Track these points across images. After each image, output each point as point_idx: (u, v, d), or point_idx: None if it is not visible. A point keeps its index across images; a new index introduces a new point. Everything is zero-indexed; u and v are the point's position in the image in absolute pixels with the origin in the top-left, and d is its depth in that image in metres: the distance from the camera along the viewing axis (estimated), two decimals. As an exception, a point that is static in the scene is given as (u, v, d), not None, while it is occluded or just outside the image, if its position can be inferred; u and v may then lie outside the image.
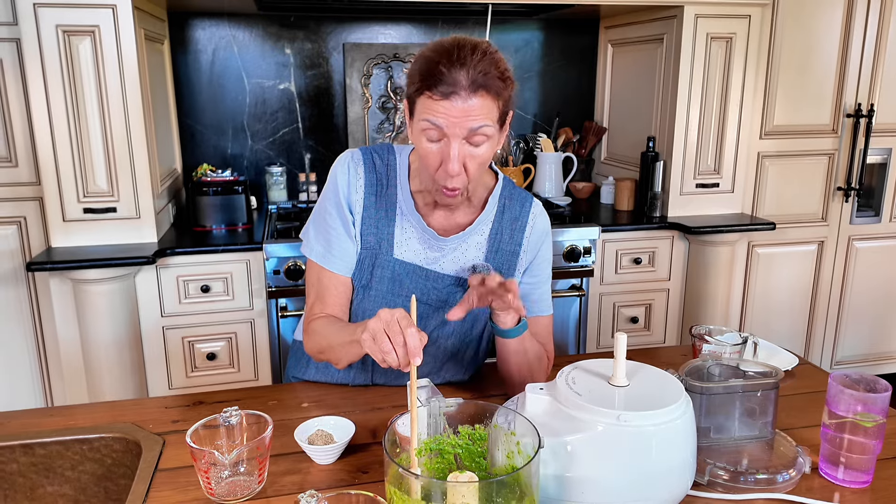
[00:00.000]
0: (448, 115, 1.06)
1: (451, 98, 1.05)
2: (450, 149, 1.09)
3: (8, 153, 2.17)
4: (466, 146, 1.10)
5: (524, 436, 0.85)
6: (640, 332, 2.62)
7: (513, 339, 1.20)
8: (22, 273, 2.25)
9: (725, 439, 1.02)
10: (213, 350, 2.26)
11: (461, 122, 1.06)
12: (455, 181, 1.12)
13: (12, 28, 2.06)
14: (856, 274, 2.88)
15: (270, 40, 2.74)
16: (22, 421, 1.15)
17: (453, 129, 1.07)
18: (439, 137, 1.09)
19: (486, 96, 1.06)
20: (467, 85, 1.05)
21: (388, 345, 0.95)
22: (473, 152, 1.11)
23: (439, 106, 1.06)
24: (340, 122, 2.86)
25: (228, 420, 0.99)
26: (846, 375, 0.97)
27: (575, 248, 2.38)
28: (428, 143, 1.11)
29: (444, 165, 1.10)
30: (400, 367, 0.96)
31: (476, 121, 1.07)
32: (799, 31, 2.57)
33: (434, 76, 1.05)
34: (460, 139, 1.08)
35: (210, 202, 2.37)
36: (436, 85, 1.05)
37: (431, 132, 1.09)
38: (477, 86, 1.05)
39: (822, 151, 2.72)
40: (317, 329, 1.24)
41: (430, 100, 1.07)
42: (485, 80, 1.06)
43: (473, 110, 1.06)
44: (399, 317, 0.96)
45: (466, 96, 1.05)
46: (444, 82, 1.05)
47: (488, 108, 1.08)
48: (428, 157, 1.12)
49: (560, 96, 3.06)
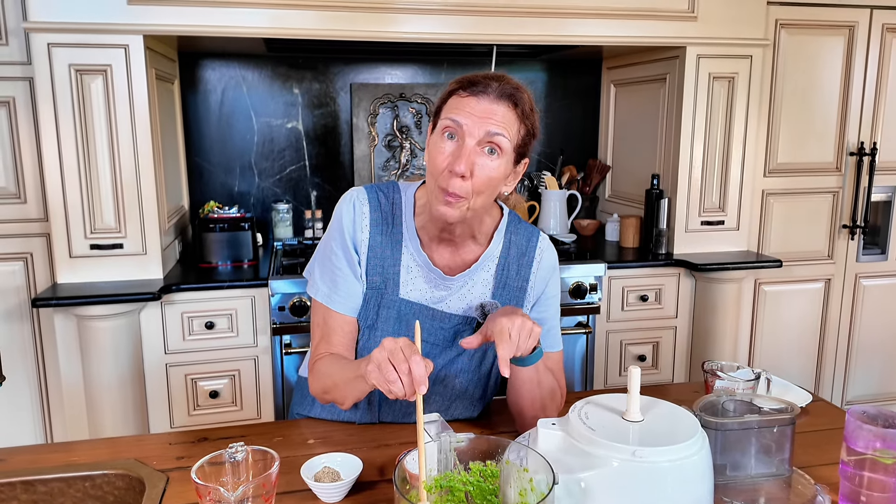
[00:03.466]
0: (471, 112, 1.09)
1: (479, 96, 1.10)
2: (462, 145, 1.09)
3: (17, 189, 2.19)
4: (479, 153, 1.10)
5: (537, 472, 0.83)
6: (649, 370, 2.59)
7: (527, 369, 1.17)
8: (27, 309, 2.24)
9: (742, 477, 0.99)
10: (216, 388, 2.24)
11: (481, 121, 1.09)
12: (458, 185, 1.10)
13: (26, 67, 2.10)
14: (864, 312, 2.86)
15: (279, 80, 2.78)
16: (23, 457, 1.13)
17: (471, 127, 1.09)
18: (456, 134, 1.11)
19: (510, 108, 1.11)
20: (497, 89, 1.11)
21: (394, 374, 0.95)
22: (484, 162, 1.10)
23: (465, 102, 1.10)
24: (347, 160, 2.89)
25: (234, 456, 0.97)
26: (864, 411, 0.96)
27: (581, 285, 2.37)
28: (442, 143, 1.11)
29: (452, 164, 1.09)
30: (406, 396, 0.95)
31: (495, 125, 1.10)
32: (800, 71, 2.61)
33: (469, 80, 1.12)
34: (475, 140, 1.10)
35: (216, 239, 2.37)
36: (468, 86, 1.11)
37: (450, 128, 1.11)
38: (505, 94, 1.11)
39: (827, 189, 2.73)
40: (321, 368, 1.23)
41: (458, 98, 1.12)
42: (514, 92, 1.12)
43: (496, 114, 1.10)
44: (403, 345, 0.97)
45: (494, 98, 1.10)
46: (477, 84, 1.11)
47: (510, 120, 1.11)
48: (438, 158, 1.12)
49: (564, 135, 3.09)
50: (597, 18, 2.35)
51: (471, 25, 2.27)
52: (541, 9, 2.29)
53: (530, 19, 2.30)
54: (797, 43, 2.58)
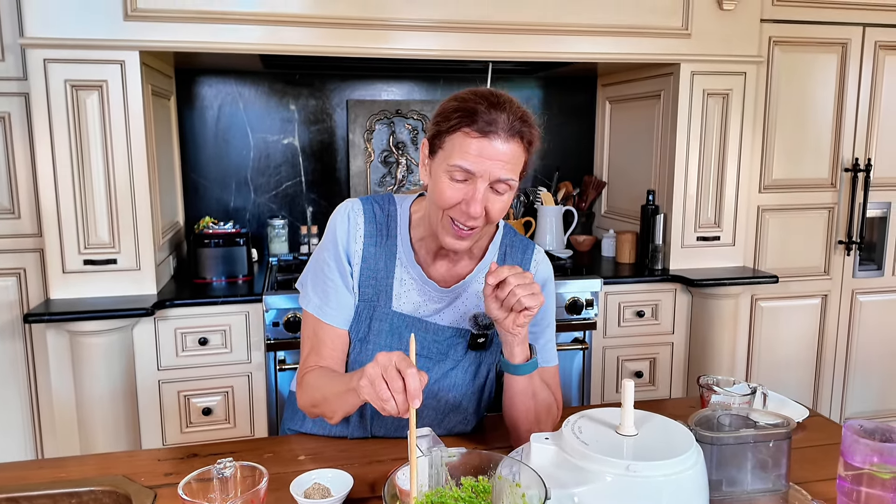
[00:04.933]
0: (482, 156, 1.06)
1: (490, 137, 1.06)
2: (475, 190, 1.08)
3: (11, 205, 2.18)
4: (490, 191, 1.10)
5: (529, 487, 0.82)
6: (646, 386, 2.57)
7: (521, 378, 1.16)
8: (19, 325, 2.22)
9: (738, 492, 0.98)
10: (209, 405, 2.22)
11: (493, 165, 1.07)
12: (473, 223, 1.11)
13: (22, 83, 2.10)
14: (861, 328, 2.85)
15: (275, 97, 2.79)
16: (10, 473, 1.11)
17: (483, 173, 1.07)
18: (465, 179, 1.09)
19: (520, 144, 1.09)
20: (506, 127, 1.06)
21: (387, 392, 0.93)
22: (495, 198, 1.10)
23: (474, 145, 1.06)
24: (343, 176, 2.89)
25: (222, 472, 0.95)
26: (860, 425, 0.94)
27: (577, 301, 2.36)
28: (451, 182, 1.09)
29: (467, 206, 1.09)
30: (399, 413, 0.93)
31: (505, 171, 1.08)
32: (794, 88, 2.62)
33: (475, 113, 1.06)
34: (487, 183, 1.08)
35: (211, 254, 2.36)
36: (475, 122, 1.06)
37: (458, 173, 1.08)
38: (514, 131, 1.07)
39: (822, 205, 2.74)
40: (310, 381, 1.21)
41: (467, 137, 1.07)
42: (521, 127, 1.08)
43: (506, 156, 1.07)
44: (397, 360, 0.94)
45: (505, 139, 1.06)
46: (485, 120, 1.06)
47: (518, 158, 1.09)
48: (446, 193, 1.09)
49: (560, 151, 3.10)
50: (592, 35, 2.36)
51: (467, 42, 2.28)
52: (536, 26, 2.31)
53: (526, 36, 2.31)
54: (791, 60, 2.59)
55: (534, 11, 2.30)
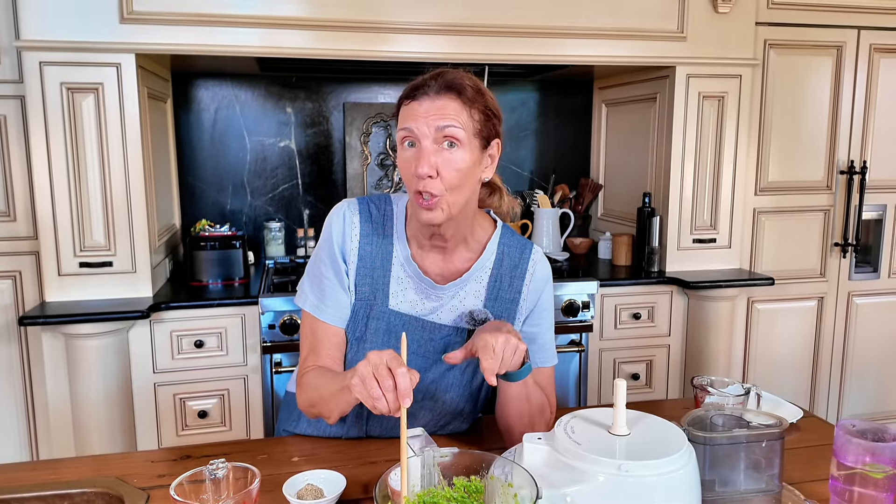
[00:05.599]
0: (418, 115, 1.11)
1: (421, 99, 1.12)
2: (420, 150, 1.12)
3: (7, 207, 2.18)
4: (440, 151, 1.11)
5: (522, 487, 0.82)
6: (642, 388, 2.57)
7: (515, 384, 1.16)
8: (14, 328, 2.22)
9: (731, 492, 0.98)
10: (205, 407, 2.21)
11: (428, 119, 1.11)
12: (429, 184, 1.11)
13: (17, 86, 2.10)
14: (857, 330, 2.85)
15: (272, 100, 2.79)
16: (2, 475, 1.11)
17: (422, 128, 1.11)
18: (412, 143, 1.13)
19: (454, 98, 1.12)
20: (436, 87, 1.13)
21: (378, 390, 0.94)
22: (447, 157, 1.12)
23: (411, 108, 1.13)
24: (339, 179, 2.89)
25: (215, 473, 0.95)
26: (853, 424, 0.95)
27: (573, 303, 2.36)
28: (405, 153, 1.14)
29: (416, 168, 1.11)
30: (391, 412, 0.94)
31: (442, 119, 1.11)
32: (789, 91, 2.63)
33: (411, 87, 1.15)
34: (430, 139, 1.11)
35: (207, 257, 2.36)
36: (410, 92, 1.14)
37: (406, 139, 1.14)
38: (444, 87, 1.13)
39: (818, 207, 2.74)
40: (308, 381, 1.22)
41: (405, 107, 1.14)
42: (453, 82, 1.13)
43: (440, 109, 1.11)
44: (388, 358, 0.96)
45: (434, 96, 1.12)
46: (417, 88, 1.13)
47: (456, 110, 1.12)
48: (404, 167, 1.15)
49: (556, 154, 3.10)
50: (588, 38, 2.37)
51: (463, 45, 2.28)
52: (532, 29, 2.31)
53: (522, 39, 2.32)
54: (786, 63, 2.60)
55: (530, 14, 2.30)
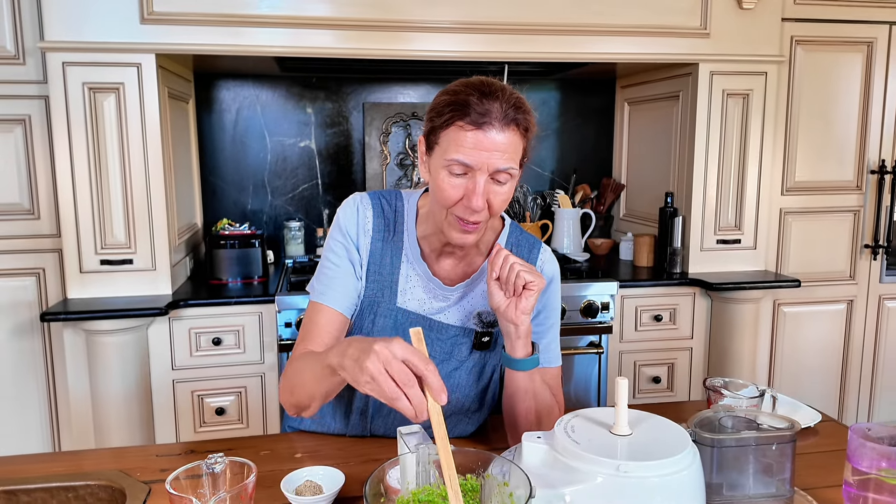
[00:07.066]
0: (478, 148, 1.04)
1: (484, 128, 1.04)
2: (475, 184, 1.06)
3: (31, 206, 2.22)
4: (490, 183, 1.08)
5: (518, 487, 0.80)
6: (663, 392, 2.52)
7: (522, 375, 1.14)
8: (37, 324, 2.26)
9: (740, 497, 0.94)
10: (223, 405, 2.23)
11: (490, 157, 1.04)
12: (477, 216, 1.09)
13: (41, 86, 2.14)
14: (889, 335, 2.76)
15: (292, 100, 2.81)
16: (8, 467, 1.12)
17: (481, 165, 1.05)
18: (464, 172, 1.07)
19: (516, 132, 1.06)
20: (501, 117, 1.04)
21: (395, 389, 0.81)
22: (497, 189, 1.08)
23: (469, 138, 1.04)
24: (359, 178, 2.90)
25: (212, 467, 0.95)
26: (868, 428, 0.91)
27: (592, 304, 2.32)
28: (449, 177, 1.08)
29: (468, 200, 1.07)
30: (417, 414, 0.81)
31: (504, 161, 1.06)
32: (817, 88, 2.56)
33: (467, 105, 1.04)
34: (486, 175, 1.06)
35: (227, 255, 2.38)
36: (468, 114, 1.04)
37: (456, 167, 1.06)
38: (509, 119, 1.05)
39: (847, 208, 2.66)
40: (289, 368, 1.14)
41: (461, 131, 1.04)
42: (516, 114, 1.06)
43: (503, 146, 1.05)
44: (401, 353, 0.82)
45: (500, 128, 1.04)
46: (478, 111, 1.04)
47: (515, 147, 1.07)
48: (447, 191, 1.08)
49: (577, 154, 3.06)
50: (609, 36, 2.33)
51: (483, 43, 2.27)
52: (553, 26, 2.28)
53: (543, 37, 2.29)
54: (814, 60, 2.53)
55: (551, 12, 2.27)
